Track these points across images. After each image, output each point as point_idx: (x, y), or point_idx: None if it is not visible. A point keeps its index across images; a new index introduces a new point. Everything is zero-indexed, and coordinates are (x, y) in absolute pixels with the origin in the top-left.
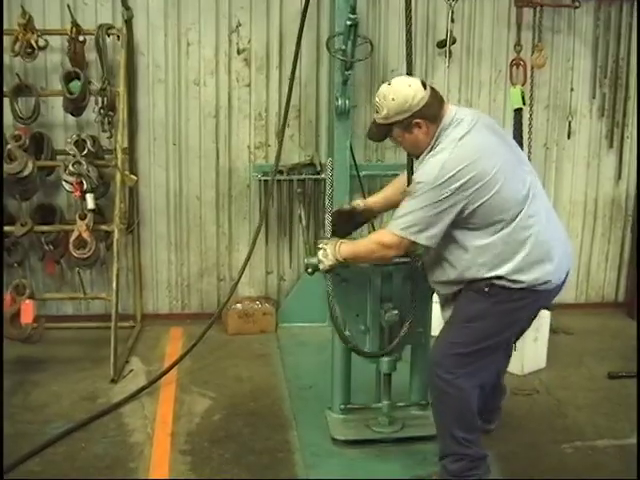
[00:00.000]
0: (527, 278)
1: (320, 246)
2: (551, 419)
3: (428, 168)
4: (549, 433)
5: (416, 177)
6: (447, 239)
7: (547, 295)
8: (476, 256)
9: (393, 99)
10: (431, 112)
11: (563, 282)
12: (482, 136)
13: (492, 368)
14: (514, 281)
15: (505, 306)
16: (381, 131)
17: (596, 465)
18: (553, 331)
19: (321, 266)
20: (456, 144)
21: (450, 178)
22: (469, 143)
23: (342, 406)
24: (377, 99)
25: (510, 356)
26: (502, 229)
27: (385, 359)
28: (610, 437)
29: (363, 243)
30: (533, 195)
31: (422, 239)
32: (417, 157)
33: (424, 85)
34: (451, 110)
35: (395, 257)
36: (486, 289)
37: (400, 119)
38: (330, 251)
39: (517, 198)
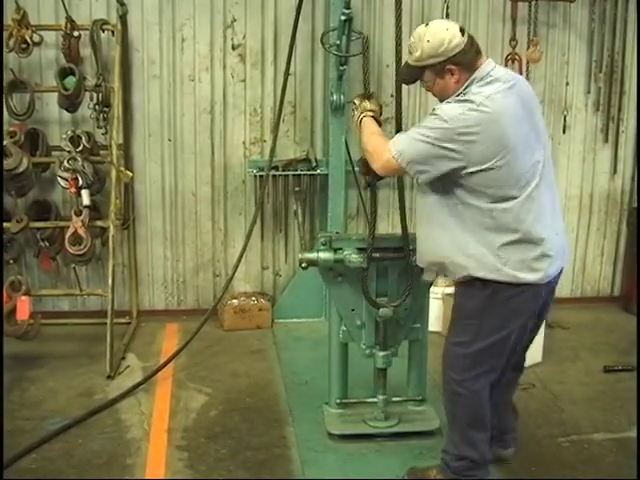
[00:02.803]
0: (520, 273)
1: (354, 101)
2: (547, 413)
3: (449, 107)
4: (545, 427)
5: (436, 108)
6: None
7: (546, 289)
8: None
9: (428, 41)
10: (466, 60)
11: (558, 275)
12: (511, 102)
13: (501, 368)
14: (509, 275)
15: (501, 300)
16: (412, 73)
17: (592, 458)
18: (549, 325)
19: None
20: (484, 99)
21: (463, 127)
22: (496, 104)
23: (338, 401)
24: (412, 39)
25: (520, 370)
26: (495, 209)
27: (380, 354)
28: (606, 431)
29: (371, 137)
30: (536, 185)
31: (413, 170)
32: (441, 101)
33: (462, 32)
34: (488, 64)
35: (379, 171)
36: (480, 283)
37: (433, 62)
38: (357, 113)
39: (518, 181)
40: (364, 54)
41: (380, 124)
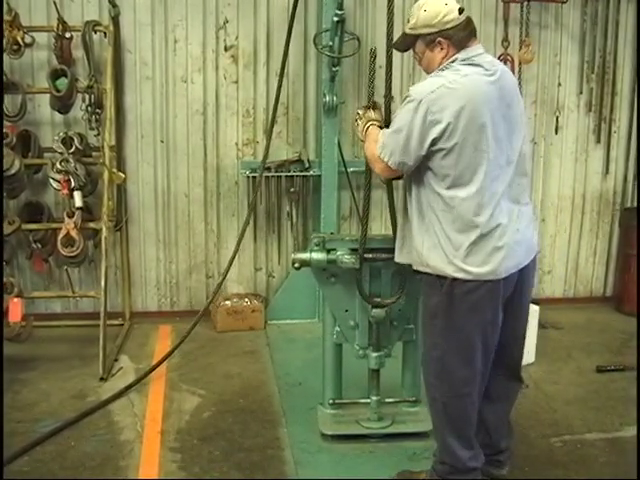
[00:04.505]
0: (475, 269)
1: (358, 112)
2: (540, 413)
3: (421, 85)
4: (538, 427)
5: (409, 90)
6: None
7: (506, 284)
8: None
9: (425, 10)
10: (457, 37)
11: (527, 273)
12: (486, 89)
13: (478, 374)
14: (464, 271)
15: (458, 297)
16: (406, 41)
17: (585, 458)
18: (542, 326)
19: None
20: (459, 77)
21: (432, 104)
22: (470, 85)
23: (332, 401)
24: (413, 8)
25: (516, 379)
26: (455, 197)
27: (373, 354)
28: (599, 431)
29: (370, 145)
30: (501, 179)
31: (395, 162)
32: (427, 74)
33: (461, 11)
34: (477, 48)
35: (382, 177)
36: (438, 281)
37: (425, 32)
38: (361, 123)
39: (479, 167)
40: (371, 65)
41: None
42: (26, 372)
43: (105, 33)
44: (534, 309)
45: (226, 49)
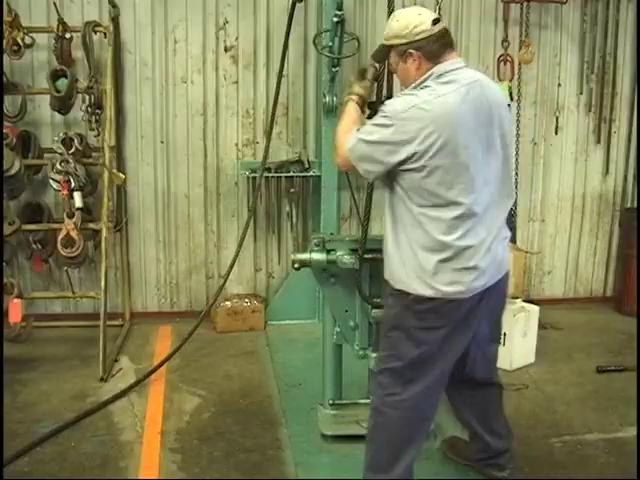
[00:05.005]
0: (444, 287)
1: (350, 78)
2: (540, 414)
3: (396, 102)
4: (538, 428)
5: (385, 103)
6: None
7: (470, 302)
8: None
9: (397, 20)
10: (428, 49)
11: (497, 290)
12: (459, 109)
13: (431, 397)
14: (433, 289)
15: (420, 313)
16: (382, 52)
17: (585, 459)
18: (542, 326)
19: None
20: (432, 98)
21: (403, 124)
22: (442, 106)
23: (332, 402)
24: (389, 18)
25: (492, 385)
26: (425, 215)
27: (373, 355)
28: (599, 431)
29: (341, 127)
30: (475, 200)
31: (361, 169)
32: (405, 87)
33: (436, 22)
34: (453, 63)
35: (338, 167)
36: (403, 295)
37: (397, 43)
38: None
39: (450, 191)
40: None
41: (365, 110)
42: (26, 373)
43: (105, 34)
44: (534, 309)
45: (226, 50)
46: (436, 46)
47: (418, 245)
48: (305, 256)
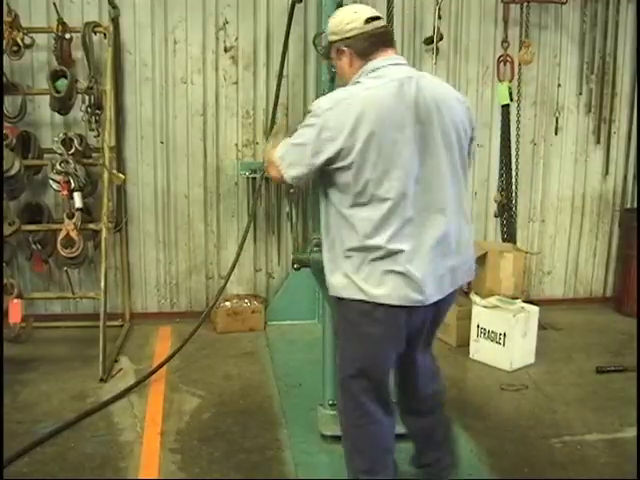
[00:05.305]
0: (372, 289)
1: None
2: (540, 414)
3: (323, 100)
4: (538, 428)
5: (313, 102)
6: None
7: (409, 317)
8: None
9: (334, 17)
10: (359, 47)
11: (439, 310)
12: (391, 105)
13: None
14: (362, 291)
15: (352, 320)
16: (327, 49)
17: (585, 459)
18: (542, 327)
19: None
20: (360, 91)
21: (327, 123)
22: (371, 99)
23: (332, 402)
24: None
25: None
26: (353, 215)
27: None
28: (599, 431)
29: (271, 150)
30: (410, 202)
31: (289, 176)
32: (345, 84)
33: (370, 21)
34: (385, 59)
35: (275, 180)
36: (339, 300)
37: (332, 40)
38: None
39: (378, 190)
40: None
41: None
42: (26, 373)
43: (105, 34)
44: (534, 310)
45: (226, 50)
46: (367, 44)
47: (348, 248)
48: (305, 256)
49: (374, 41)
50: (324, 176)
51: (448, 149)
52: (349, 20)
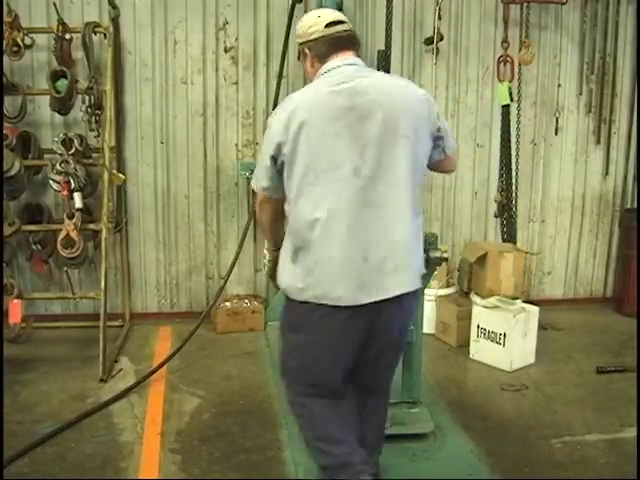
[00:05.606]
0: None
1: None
2: (540, 414)
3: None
4: (538, 428)
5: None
6: None
7: (353, 320)
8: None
9: (300, 21)
10: (318, 49)
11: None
12: (327, 101)
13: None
14: (298, 289)
15: (290, 316)
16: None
17: (585, 460)
18: (542, 327)
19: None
20: (303, 91)
21: (274, 119)
22: (308, 96)
23: None
24: None
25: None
26: (291, 212)
27: None
28: (599, 432)
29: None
30: (335, 196)
31: (258, 188)
32: None
33: (334, 24)
34: (338, 60)
35: (270, 217)
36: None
37: (298, 42)
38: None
39: (310, 186)
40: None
41: None
42: (26, 373)
43: (105, 34)
44: (534, 310)
45: (226, 50)
46: (325, 47)
47: (288, 244)
48: None
49: (333, 44)
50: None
51: (392, 144)
52: (312, 24)
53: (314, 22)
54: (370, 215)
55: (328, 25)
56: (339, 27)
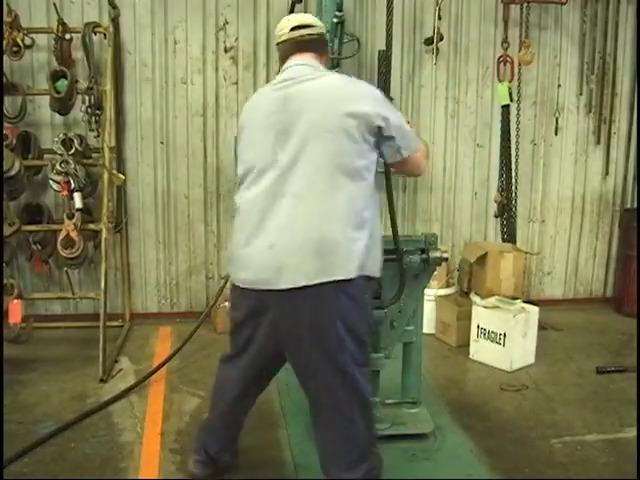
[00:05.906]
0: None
1: None
2: (540, 414)
3: None
4: (538, 428)
5: None
6: None
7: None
8: None
9: (279, 23)
10: (283, 51)
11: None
12: (265, 99)
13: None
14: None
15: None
16: None
17: (585, 460)
18: (542, 327)
19: None
20: (259, 90)
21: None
22: (255, 95)
23: None
24: None
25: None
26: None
27: (373, 356)
28: (599, 432)
29: None
30: (257, 186)
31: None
32: None
33: (299, 28)
34: (295, 61)
35: None
36: None
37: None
38: None
39: (244, 177)
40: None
41: None
42: (26, 373)
43: (105, 34)
44: (534, 310)
45: (226, 50)
46: (288, 49)
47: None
48: None
49: (294, 46)
50: None
51: (314, 138)
52: (282, 27)
53: (284, 25)
54: (282, 204)
55: (293, 29)
56: (302, 31)
